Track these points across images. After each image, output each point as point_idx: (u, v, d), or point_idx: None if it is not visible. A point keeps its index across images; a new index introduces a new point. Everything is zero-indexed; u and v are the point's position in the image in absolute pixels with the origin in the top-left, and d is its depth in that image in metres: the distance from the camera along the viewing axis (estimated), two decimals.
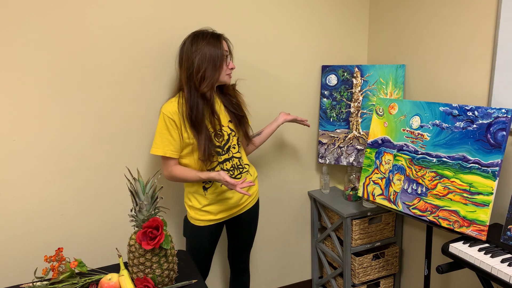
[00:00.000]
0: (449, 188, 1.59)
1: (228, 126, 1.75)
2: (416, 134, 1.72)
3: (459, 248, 1.47)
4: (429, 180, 1.65)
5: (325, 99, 2.26)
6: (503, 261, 1.36)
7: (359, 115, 2.20)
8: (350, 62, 2.34)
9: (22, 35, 1.65)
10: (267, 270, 2.43)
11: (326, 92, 2.25)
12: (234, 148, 1.77)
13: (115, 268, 1.45)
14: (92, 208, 1.92)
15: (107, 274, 1.35)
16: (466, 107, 1.56)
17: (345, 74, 2.20)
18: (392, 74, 2.10)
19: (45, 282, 1.31)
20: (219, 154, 1.71)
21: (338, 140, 2.26)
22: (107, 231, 1.98)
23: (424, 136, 1.69)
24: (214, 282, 2.30)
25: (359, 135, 2.21)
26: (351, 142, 2.23)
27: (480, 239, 1.49)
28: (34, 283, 1.31)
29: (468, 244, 1.49)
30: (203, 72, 1.59)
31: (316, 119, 2.34)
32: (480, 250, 1.44)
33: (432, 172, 1.65)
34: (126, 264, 1.47)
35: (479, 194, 1.50)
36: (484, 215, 1.48)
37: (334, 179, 2.49)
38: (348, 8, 2.25)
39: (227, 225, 1.92)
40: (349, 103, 2.21)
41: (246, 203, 1.84)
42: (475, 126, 1.53)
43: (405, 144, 1.75)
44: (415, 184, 1.70)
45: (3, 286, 1.83)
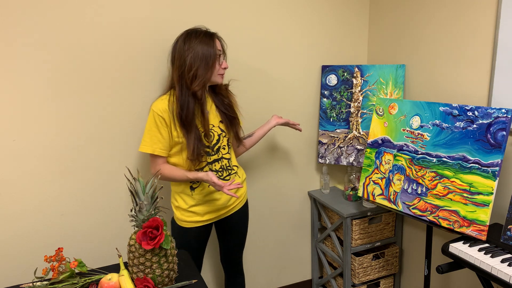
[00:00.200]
0: (449, 188, 1.59)
1: (219, 127, 1.73)
2: (416, 134, 1.72)
3: (459, 248, 1.47)
4: (429, 180, 1.65)
5: (325, 99, 2.26)
6: (503, 261, 1.36)
7: (359, 115, 2.20)
8: (350, 62, 2.34)
9: (22, 35, 1.65)
10: (267, 270, 2.43)
11: (326, 92, 2.25)
12: (224, 149, 1.75)
13: (115, 268, 1.45)
14: (92, 208, 1.92)
15: (107, 274, 1.35)
16: (466, 107, 1.56)
17: (345, 74, 2.20)
18: (392, 74, 2.10)
19: (45, 282, 1.31)
20: (208, 154, 1.69)
21: (338, 140, 2.26)
22: (107, 231, 1.98)
23: (424, 136, 1.69)
24: (208, 285, 2.30)
25: (359, 135, 2.21)
26: (351, 142, 2.23)
27: (480, 239, 1.49)
28: (34, 283, 1.31)
29: (468, 244, 1.49)
30: (195, 70, 1.57)
31: (316, 119, 2.34)
32: (480, 250, 1.44)
33: (432, 172, 1.64)
34: (126, 264, 1.47)
35: (479, 194, 1.50)
36: (484, 215, 1.48)
37: (334, 179, 2.49)
38: (348, 8, 2.25)
39: (217, 227, 1.90)
40: (349, 103, 2.21)
41: (234, 205, 1.81)
42: (475, 126, 1.53)
43: (405, 144, 1.75)
44: (415, 184, 1.70)
45: (3, 286, 1.83)
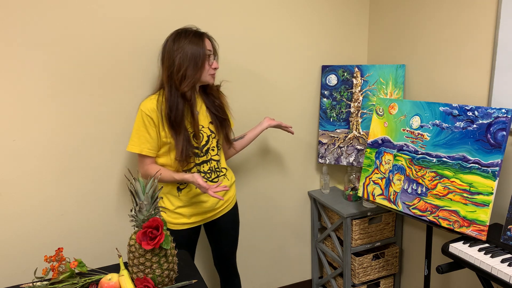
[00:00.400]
0: (449, 188, 1.59)
1: (209, 128, 1.70)
2: (416, 134, 1.72)
3: (459, 248, 1.47)
4: (429, 180, 1.65)
5: (325, 99, 2.26)
6: (503, 261, 1.36)
7: (359, 115, 2.20)
8: (350, 62, 2.34)
9: (22, 35, 1.65)
10: (267, 270, 2.43)
11: (326, 92, 2.25)
12: (213, 150, 1.72)
13: (115, 268, 1.45)
14: (92, 208, 1.92)
15: (107, 274, 1.35)
16: (466, 107, 1.56)
17: (345, 74, 2.20)
18: (392, 74, 2.10)
19: (45, 282, 1.31)
20: (197, 156, 1.67)
21: (338, 140, 2.26)
22: (107, 231, 1.98)
23: (424, 136, 1.69)
24: None
25: (359, 135, 2.21)
26: (351, 142, 2.23)
27: (480, 239, 1.49)
28: (34, 283, 1.31)
29: (468, 244, 1.49)
30: (184, 71, 1.55)
31: (316, 119, 2.34)
32: (480, 250, 1.44)
33: (432, 172, 1.64)
34: (126, 264, 1.47)
35: (479, 194, 1.50)
36: (484, 215, 1.48)
37: (334, 179, 2.49)
38: (348, 8, 2.25)
39: (207, 231, 1.88)
40: (349, 103, 2.21)
41: (222, 208, 1.79)
42: (475, 126, 1.53)
43: (405, 144, 1.75)
44: (415, 184, 1.70)
45: (3, 286, 1.83)
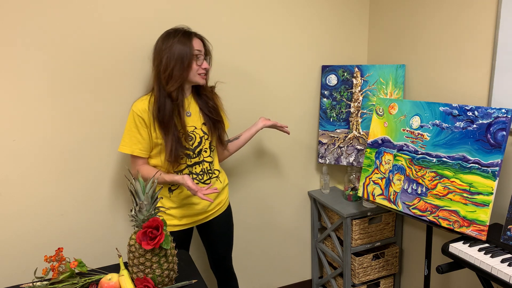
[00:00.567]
0: (449, 188, 1.59)
1: (201, 129, 1.69)
2: (416, 134, 1.72)
3: (459, 248, 1.47)
4: (429, 180, 1.65)
5: (325, 99, 2.26)
6: (503, 261, 1.36)
7: (359, 115, 2.19)
8: (350, 62, 2.34)
9: (21, 35, 1.65)
10: (267, 270, 2.43)
11: (326, 92, 2.25)
12: (206, 151, 1.71)
13: (115, 268, 1.45)
14: (92, 208, 1.92)
15: (107, 274, 1.35)
16: (466, 107, 1.56)
17: (345, 74, 2.20)
18: (392, 74, 2.10)
19: (45, 282, 1.31)
20: (189, 157, 1.66)
21: (338, 140, 2.26)
22: (107, 231, 1.98)
23: (424, 136, 1.69)
24: None
25: (359, 135, 2.21)
26: (351, 142, 2.23)
27: (480, 239, 1.49)
28: (34, 283, 1.31)
29: (468, 244, 1.49)
30: (171, 70, 1.55)
31: (316, 119, 2.34)
32: (480, 250, 1.44)
33: (432, 172, 1.64)
34: (126, 264, 1.47)
35: (479, 194, 1.50)
36: (484, 215, 1.48)
37: (334, 179, 2.49)
38: (348, 8, 2.25)
39: (200, 234, 1.87)
40: (349, 103, 2.21)
41: (213, 211, 1.77)
42: (475, 126, 1.53)
43: (405, 144, 1.75)
44: (415, 184, 1.70)
45: (3, 286, 1.83)
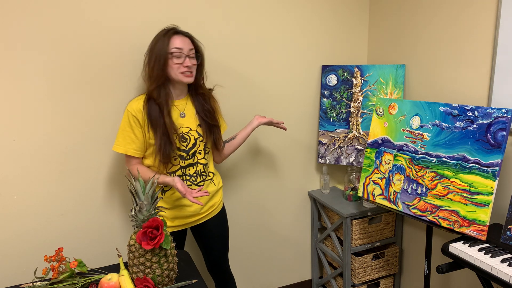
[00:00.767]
0: (449, 188, 1.59)
1: (196, 131, 1.68)
2: (416, 134, 1.72)
3: (459, 248, 1.47)
4: (429, 180, 1.65)
5: (325, 99, 2.26)
6: (503, 261, 1.36)
7: (359, 115, 2.20)
8: (350, 62, 2.34)
9: (20, 37, 1.65)
10: (267, 270, 2.43)
11: (326, 92, 2.25)
12: (200, 153, 1.70)
13: (115, 268, 1.45)
14: (92, 208, 1.92)
15: (107, 274, 1.35)
16: (466, 107, 1.56)
17: (345, 74, 2.20)
18: (392, 74, 2.10)
19: (45, 282, 1.31)
20: (182, 158, 1.66)
21: (338, 140, 2.26)
22: (107, 231, 1.98)
23: (424, 136, 1.69)
24: None
25: (359, 135, 2.21)
26: (351, 142, 2.23)
27: (480, 239, 1.49)
28: (34, 283, 1.31)
29: (468, 244, 1.49)
30: (150, 70, 1.57)
31: (316, 119, 2.34)
32: (480, 250, 1.44)
33: (432, 172, 1.64)
34: (126, 264, 1.47)
35: (479, 194, 1.50)
36: (484, 215, 1.48)
37: (334, 179, 2.49)
38: (348, 8, 2.25)
39: (195, 236, 1.87)
40: (349, 103, 2.21)
41: (206, 213, 1.77)
42: (475, 126, 1.53)
43: (405, 144, 1.75)
44: (415, 184, 1.70)
45: (3, 286, 1.83)
